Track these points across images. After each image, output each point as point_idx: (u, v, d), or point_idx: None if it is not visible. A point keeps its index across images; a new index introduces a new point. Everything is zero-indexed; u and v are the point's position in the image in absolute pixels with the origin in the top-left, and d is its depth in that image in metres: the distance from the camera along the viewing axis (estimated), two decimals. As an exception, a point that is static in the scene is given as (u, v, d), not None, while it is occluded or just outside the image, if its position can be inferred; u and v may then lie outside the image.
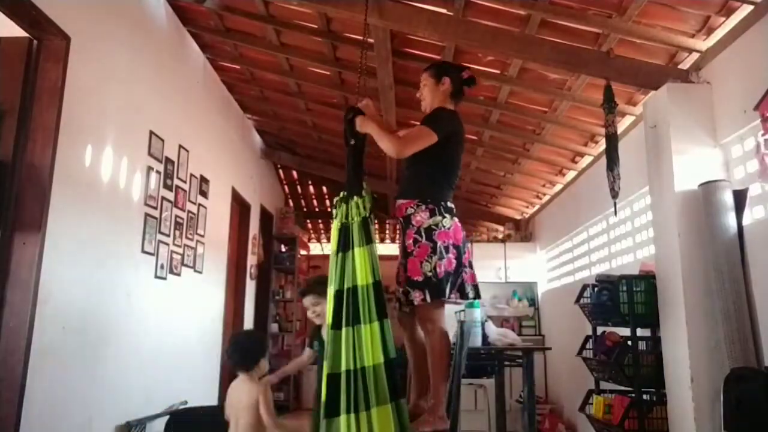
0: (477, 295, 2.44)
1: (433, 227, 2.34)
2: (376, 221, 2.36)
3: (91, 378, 2.94)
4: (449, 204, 2.43)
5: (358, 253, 2.20)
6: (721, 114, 2.80)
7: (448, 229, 2.36)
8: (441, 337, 2.37)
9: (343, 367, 2.10)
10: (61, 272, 2.66)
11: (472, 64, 3.84)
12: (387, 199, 6.26)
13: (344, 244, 2.25)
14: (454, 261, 2.35)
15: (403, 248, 2.42)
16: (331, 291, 2.21)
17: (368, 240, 2.24)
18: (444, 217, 2.37)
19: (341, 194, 2.34)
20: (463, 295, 2.38)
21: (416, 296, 2.30)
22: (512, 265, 6.37)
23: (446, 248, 2.33)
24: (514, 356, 3.58)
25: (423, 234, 2.34)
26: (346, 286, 2.19)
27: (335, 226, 2.30)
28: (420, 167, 2.48)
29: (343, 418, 2.04)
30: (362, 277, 2.17)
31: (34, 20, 2.53)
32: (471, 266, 2.44)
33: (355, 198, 2.29)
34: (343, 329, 2.14)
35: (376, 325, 2.13)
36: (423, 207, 2.38)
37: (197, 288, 4.44)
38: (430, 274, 2.29)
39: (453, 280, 2.34)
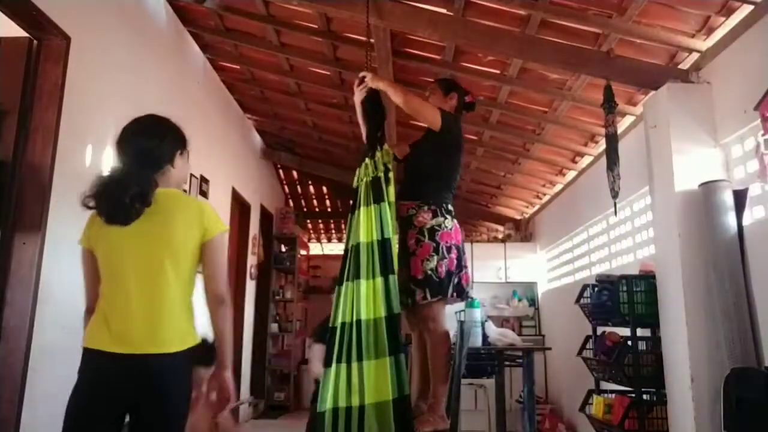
0: (468, 296, 2.50)
1: (436, 228, 2.37)
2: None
3: (91, 378, 2.94)
4: (450, 206, 2.46)
5: (363, 212, 2.29)
6: (721, 114, 2.80)
7: (450, 230, 2.40)
8: (442, 337, 2.37)
9: (339, 320, 2.17)
10: (61, 272, 2.65)
11: (472, 64, 3.85)
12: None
13: (353, 205, 2.36)
14: (455, 261, 2.37)
15: (404, 249, 2.43)
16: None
17: (377, 199, 2.30)
18: (446, 218, 2.40)
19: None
20: (461, 295, 2.40)
21: (418, 295, 2.32)
22: (512, 265, 6.36)
23: (448, 248, 2.36)
24: (514, 356, 3.58)
25: (426, 234, 2.37)
26: (350, 244, 2.28)
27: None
28: (421, 170, 2.52)
29: (333, 367, 2.11)
30: (366, 234, 2.25)
31: (34, 20, 2.53)
32: (467, 267, 2.50)
33: (366, 160, 2.38)
34: (344, 284, 2.23)
35: (379, 280, 2.19)
36: (425, 208, 2.41)
37: (197, 288, 4.43)
38: (430, 272, 2.31)
39: (454, 280, 2.36)
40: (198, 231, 1.75)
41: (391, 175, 2.38)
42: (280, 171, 7.51)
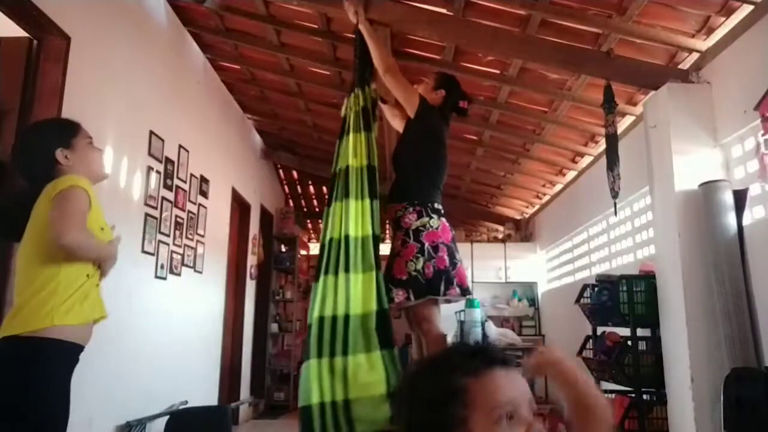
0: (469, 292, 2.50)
1: (421, 228, 2.37)
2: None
3: (91, 378, 2.94)
4: (436, 205, 2.46)
5: (352, 137, 2.35)
6: (721, 114, 2.80)
7: (436, 229, 2.39)
8: (437, 338, 2.37)
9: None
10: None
11: (472, 64, 3.85)
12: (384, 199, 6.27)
13: (341, 132, 2.42)
14: (446, 258, 2.36)
15: (392, 250, 2.45)
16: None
17: (366, 127, 2.36)
18: (431, 217, 2.40)
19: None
20: (462, 292, 2.40)
21: (398, 295, 2.30)
22: (512, 265, 6.37)
23: (435, 248, 2.35)
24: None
25: (411, 235, 2.37)
26: (338, 168, 2.41)
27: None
28: (407, 171, 2.54)
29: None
30: (354, 159, 2.35)
31: (34, 20, 2.53)
32: (461, 263, 2.50)
33: (355, 90, 2.43)
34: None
35: (367, 201, 2.35)
36: (410, 209, 2.42)
37: (197, 288, 4.44)
38: (415, 273, 2.31)
39: (447, 277, 2.35)
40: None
41: (377, 111, 2.44)
42: (280, 171, 7.50)
